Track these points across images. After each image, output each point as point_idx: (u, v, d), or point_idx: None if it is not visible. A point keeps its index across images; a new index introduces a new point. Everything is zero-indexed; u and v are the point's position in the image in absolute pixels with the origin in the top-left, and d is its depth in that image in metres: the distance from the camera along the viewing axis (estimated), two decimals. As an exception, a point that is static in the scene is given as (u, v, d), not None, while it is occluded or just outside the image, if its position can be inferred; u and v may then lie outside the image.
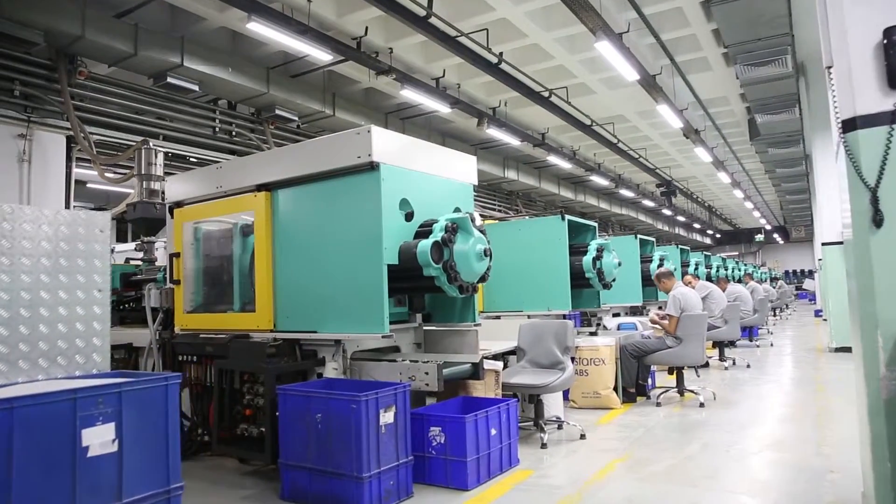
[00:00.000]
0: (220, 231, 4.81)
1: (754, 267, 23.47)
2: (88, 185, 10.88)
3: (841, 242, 9.73)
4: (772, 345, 11.23)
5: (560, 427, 5.04)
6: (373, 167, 3.75)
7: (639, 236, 9.01)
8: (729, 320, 8.49)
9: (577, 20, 6.95)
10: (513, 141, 12.31)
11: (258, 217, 4.32)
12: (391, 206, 3.84)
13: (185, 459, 4.47)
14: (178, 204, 4.95)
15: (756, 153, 15.31)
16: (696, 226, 30.05)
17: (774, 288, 21.74)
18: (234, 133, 8.95)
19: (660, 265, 9.08)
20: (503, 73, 9.27)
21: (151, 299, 4.96)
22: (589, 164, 15.89)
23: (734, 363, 8.67)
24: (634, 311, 9.22)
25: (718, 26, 7.93)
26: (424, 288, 4.09)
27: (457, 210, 4.40)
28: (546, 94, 10.63)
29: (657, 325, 6.38)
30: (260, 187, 4.33)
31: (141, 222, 6.09)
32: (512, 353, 5.24)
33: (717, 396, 6.18)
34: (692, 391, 6.08)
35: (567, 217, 6.47)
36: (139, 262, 6.40)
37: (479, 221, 4.70)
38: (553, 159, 14.13)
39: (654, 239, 9.78)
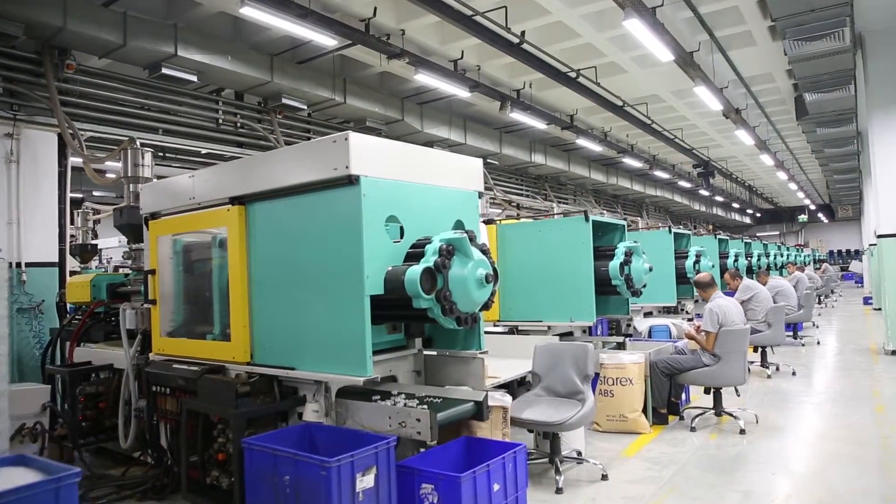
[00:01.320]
0: (197, 247, 4.33)
1: (797, 250, 22.32)
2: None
3: (902, 235, 8.92)
4: (818, 343, 10.42)
5: (580, 461, 4.47)
6: (351, 181, 3.19)
7: (673, 230, 8.28)
8: (773, 324, 7.76)
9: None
10: (539, 125, 11.61)
11: (232, 234, 3.80)
12: (375, 225, 3.28)
13: (158, 500, 4.14)
14: (154, 215, 4.48)
15: (803, 133, 14.27)
16: (735, 206, 28.82)
17: (818, 272, 20.66)
18: (238, 125, 8.46)
19: (696, 261, 8.39)
20: (526, 53, 8.59)
21: (127, 320, 4.53)
22: (621, 146, 15.06)
23: (777, 369, 7.96)
24: (668, 310, 8.55)
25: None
26: (416, 318, 3.54)
27: (458, 224, 3.83)
28: (573, 74, 9.91)
29: (693, 339, 5.72)
30: (233, 200, 3.81)
31: (128, 228, 5.64)
32: (521, 382, 4.69)
33: (759, 419, 5.52)
34: (731, 414, 5.44)
35: (592, 217, 5.83)
36: (129, 272, 5.98)
37: (483, 237, 4.13)
38: (583, 142, 13.37)
39: (690, 232, 9.04)
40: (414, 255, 3.40)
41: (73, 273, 10.18)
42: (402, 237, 3.47)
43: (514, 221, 6.36)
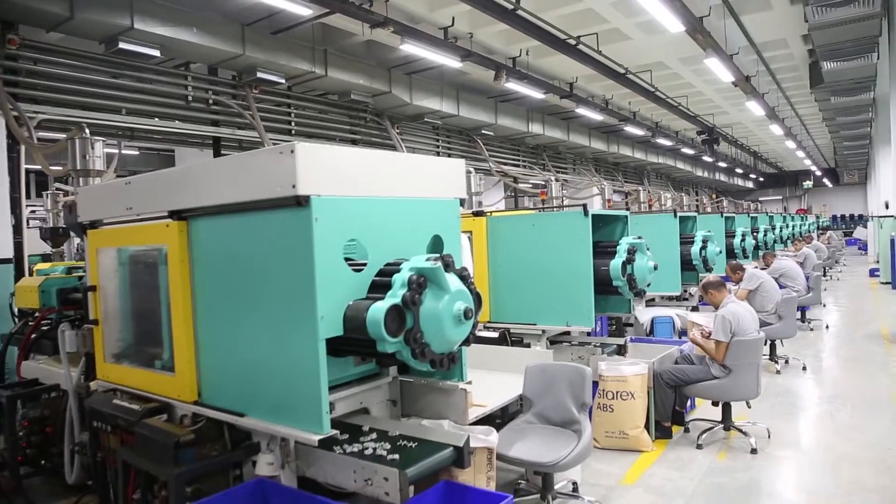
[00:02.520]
0: (142, 261, 3.79)
1: (801, 218, 21.73)
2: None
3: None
4: (827, 327, 9.97)
5: (575, 497, 4.03)
6: (300, 203, 2.64)
7: (679, 214, 7.71)
8: (784, 316, 7.28)
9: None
10: (536, 94, 10.93)
11: (172, 253, 3.26)
12: (331, 253, 2.74)
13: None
14: (93, 224, 3.93)
15: (816, 101, 13.57)
16: (739, 171, 28.12)
17: (821, 240, 20.14)
18: (211, 101, 7.82)
19: (703, 247, 7.85)
20: (521, 19, 7.90)
21: (66, 342, 4.03)
22: (623, 114, 14.37)
23: (787, 363, 7.51)
24: (672, 299, 8.07)
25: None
26: (383, 357, 3.03)
27: (436, 240, 3.30)
28: (573, 42, 9.21)
29: (700, 346, 5.23)
30: (173, 214, 3.26)
31: (79, 228, 5.11)
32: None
33: (770, 434, 5.07)
34: (741, 430, 4.98)
35: (592, 212, 5.27)
36: (83, 274, 5.45)
37: (466, 252, 3.61)
38: (583, 111, 12.69)
39: (695, 215, 8.47)
40: (381, 284, 2.87)
41: (46, 258, 9.68)
42: (365, 264, 2.94)
43: (506, 214, 5.82)
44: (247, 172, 2.87)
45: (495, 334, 5.57)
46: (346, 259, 2.88)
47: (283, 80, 8.17)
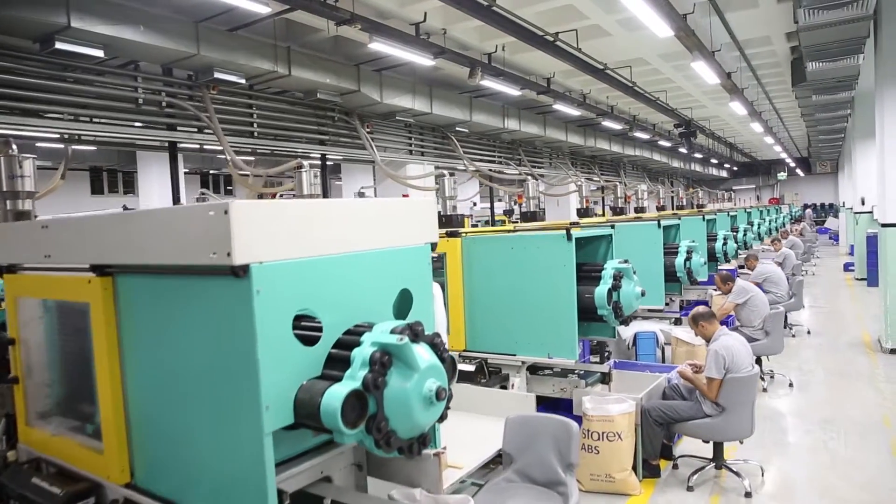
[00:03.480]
0: (65, 314, 3.30)
1: (776, 210, 21.69)
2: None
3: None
4: (809, 332, 9.80)
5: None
6: (237, 274, 2.19)
7: (662, 223, 7.38)
8: (772, 332, 7.02)
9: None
10: (512, 91, 10.50)
11: (96, 314, 2.78)
12: (277, 330, 2.29)
13: None
14: (10, 268, 3.42)
15: (796, 98, 13.34)
16: (713, 161, 28.07)
17: (794, 232, 20.12)
18: (164, 104, 7.23)
19: (687, 258, 7.55)
20: (498, 16, 7.44)
21: (-18, 400, 3.53)
22: (601, 108, 14.01)
23: (772, 377, 7.27)
24: (654, 312, 7.77)
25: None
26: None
27: (405, 295, 2.88)
28: (551, 38, 8.78)
29: (689, 380, 4.90)
30: (96, 269, 2.78)
31: (7, 255, 4.58)
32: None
33: (764, 472, 4.78)
34: (733, 471, 4.68)
35: (575, 234, 4.89)
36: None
37: (438, 299, 3.22)
38: (560, 107, 12.31)
39: (678, 223, 8.15)
40: (339, 358, 2.44)
41: None
42: (320, 336, 2.50)
43: (482, 233, 5.41)
44: (175, 232, 2.40)
45: (471, 367, 5.16)
46: (300, 325, 2.45)
47: (243, 80, 7.61)
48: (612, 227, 5.64)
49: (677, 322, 8.09)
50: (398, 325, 2.47)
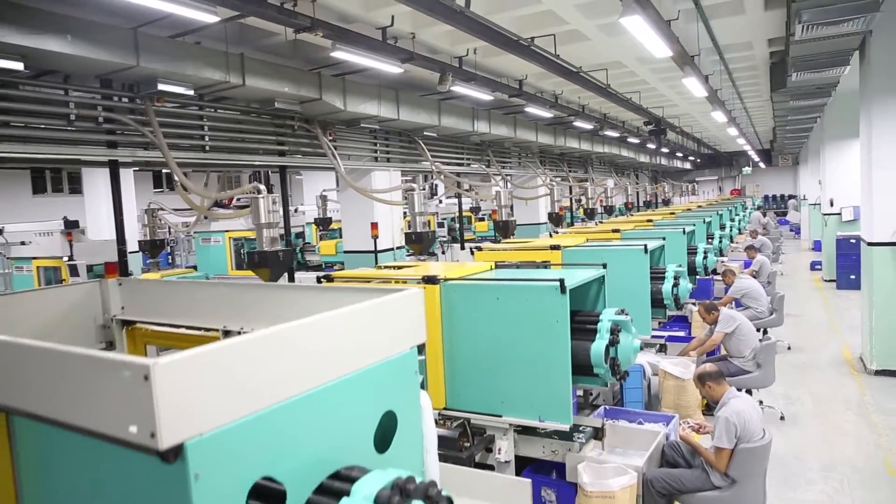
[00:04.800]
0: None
1: (742, 206, 21.69)
2: None
3: (897, 246, 7.87)
4: (789, 348, 9.56)
5: None
6: (166, 459, 1.58)
7: (648, 248, 6.93)
8: (763, 364, 6.66)
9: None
10: (484, 96, 9.94)
11: (-14, 459, 2.15)
12: (225, 519, 1.71)
13: None
14: None
15: (772, 102, 13.08)
16: (679, 154, 28.03)
17: (761, 227, 20.11)
18: (101, 119, 6.43)
19: (675, 284, 7.12)
20: (471, 20, 6.84)
21: None
22: (572, 108, 13.55)
23: (762, 408, 6.92)
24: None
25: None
26: None
27: (389, 416, 2.31)
28: (526, 42, 8.22)
29: (693, 445, 4.45)
30: (-15, 403, 2.13)
31: None
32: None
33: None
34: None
35: (570, 285, 4.36)
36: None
37: (427, 423, 2.67)
38: (532, 109, 11.80)
39: (663, 242, 7.73)
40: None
41: None
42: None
43: (463, 281, 4.84)
44: (81, 387, 1.77)
45: (454, 433, 4.62)
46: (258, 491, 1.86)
47: (191, 92, 6.85)
48: (604, 266, 5.15)
49: (662, 348, 7.71)
50: (383, 481, 1.91)
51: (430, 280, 4.75)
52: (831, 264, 14.84)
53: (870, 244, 8.03)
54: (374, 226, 7.19)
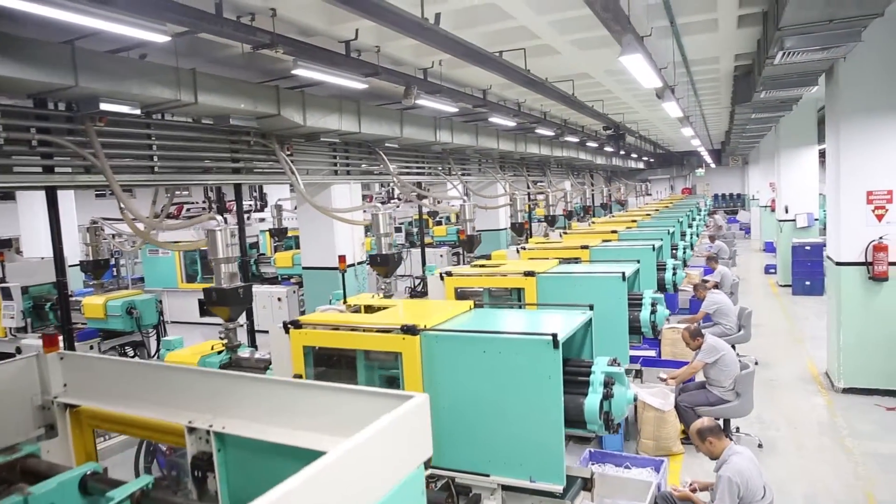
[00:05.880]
0: None
1: (697, 210, 21.96)
2: None
3: (864, 263, 7.92)
4: (756, 363, 9.53)
5: None
6: None
7: (626, 276, 6.72)
8: (742, 393, 6.55)
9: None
10: (450, 108, 9.60)
11: None
12: None
13: None
14: None
15: (734, 113, 13.14)
16: (634, 155, 28.29)
17: (708, 228, 20.38)
18: (34, 142, 5.81)
19: (652, 311, 6.94)
20: (440, 36, 6.48)
21: None
22: (534, 116, 13.35)
23: (739, 436, 6.85)
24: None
25: (789, 8, 5.28)
26: None
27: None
28: (495, 55, 7.92)
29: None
30: None
31: None
32: None
33: None
34: None
35: (561, 337, 4.07)
36: None
37: None
38: (496, 119, 11.53)
39: (638, 266, 7.54)
40: None
41: None
42: None
43: (446, 332, 4.50)
44: None
45: (440, 496, 4.28)
46: None
47: (138, 111, 6.28)
48: (591, 307, 4.89)
49: (638, 375, 7.54)
50: None
51: (409, 330, 4.38)
52: (787, 270, 15.10)
53: (838, 263, 8.04)
54: (343, 259, 6.77)
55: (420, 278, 9.60)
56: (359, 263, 11.00)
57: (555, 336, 3.98)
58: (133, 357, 9.77)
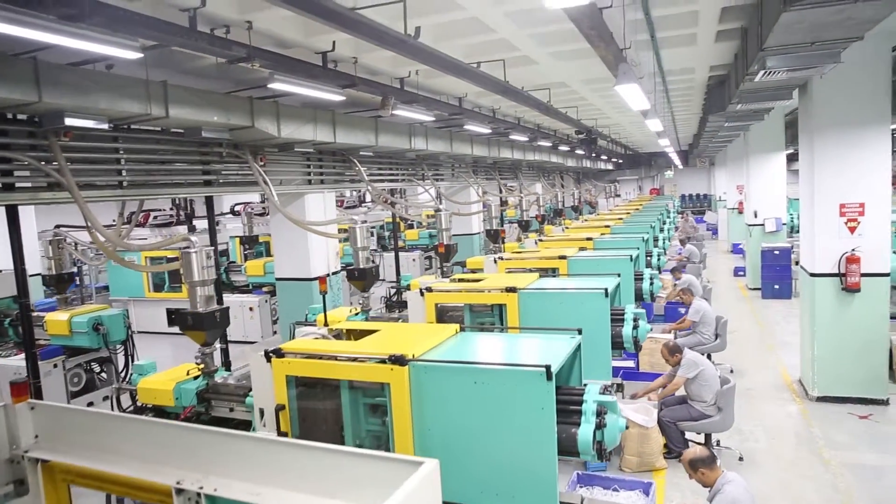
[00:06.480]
0: None
1: (666, 213, 22.22)
2: None
3: (838, 275, 8.05)
4: (731, 371, 9.66)
5: None
6: None
7: (609, 291, 6.70)
8: (724, 407, 6.58)
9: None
10: (426, 118, 9.48)
11: None
12: None
13: None
14: None
15: (707, 121, 13.28)
16: (604, 157, 28.53)
17: (678, 230, 20.62)
18: (-8, 158, 5.52)
19: (635, 326, 6.93)
20: (420, 50, 6.36)
21: None
22: (508, 121, 13.32)
23: (719, 449, 6.89)
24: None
25: (774, 32, 5.26)
26: None
27: None
28: (473, 66, 7.83)
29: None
30: None
31: None
32: None
33: None
34: None
35: (554, 369, 3.99)
36: None
37: None
38: (472, 126, 11.45)
39: (618, 281, 7.53)
40: None
41: None
42: None
43: (435, 363, 4.38)
44: None
45: (430, 533, 4.16)
46: None
47: (105, 126, 6.02)
48: (580, 331, 4.83)
49: (619, 388, 7.55)
50: None
51: (397, 360, 4.26)
52: (756, 273, 15.35)
53: (812, 275, 8.15)
54: (323, 280, 6.59)
55: (396, 288, 9.46)
56: (333, 273, 10.81)
57: (548, 368, 3.89)
58: (100, 374, 9.44)
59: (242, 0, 5.41)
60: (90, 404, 9.02)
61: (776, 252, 14.48)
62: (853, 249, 7.84)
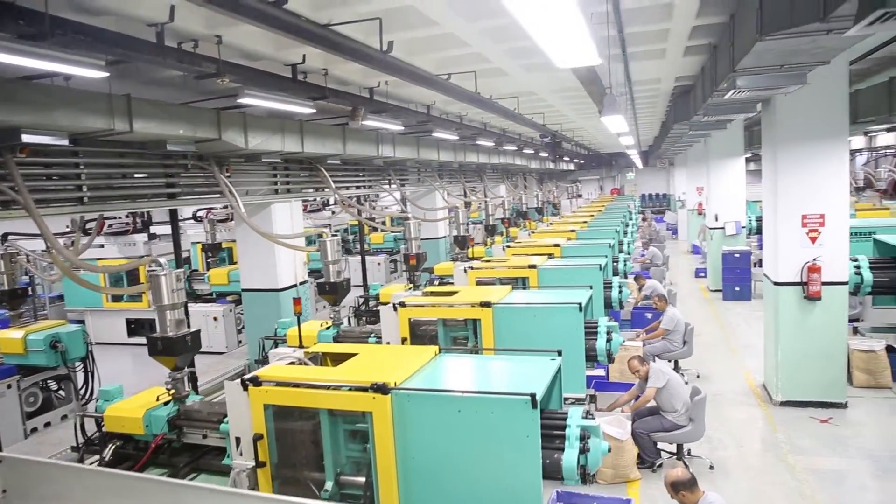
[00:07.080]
0: None
1: (628, 214, 22.55)
2: None
3: (800, 283, 8.26)
4: (698, 376, 9.85)
5: None
6: None
7: (582, 306, 6.73)
8: (695, 419, 6.69)
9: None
10: (396, 128, 9.40)
11: None
12: None
13: None
14: None
15: (671, 128, 13.50)
16: (566, 158, 28.81)
17: (640, 231, 20.93)
18: (-55, 177, 5.24)
19: (608, 339, 6.99)
20: (391, 65, 6.30)
21: None
22: (475, 127, 13.32)
23: (690, 456, 7.02)
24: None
25: (747, 57, 5.34)
26: None
27: None
28: (444, 77, 7.81)
29: None
30: None
31: None
32: None
33: None
34: None
35: (539, 397, 3.98)
36: None
37: None
38: (439, 134, 11.41)
39: (590, 293, 7.58)
40: None
41: None
42: None
43: (418, 391, 4.33)
44: None
45: (415, 564, 4.12)
46: None
47: (65, 141, 5.78)
48: (560, 353, 4.84)
49: (593, 399, 7.60)
50: None
51: (379, 389, 4.19)
52: (717, 276, 15.69)
53: (776, 284, 8.36)
54: (297, 301, 6.46)
55: (364, 297, 9.37)
56: (301, 283, 10.64)
57: (533, 396, 3.88)
58: (57, 391, 9.10)
59: (211, 15, 5.24)
60: (48, 424, 8.69)
61: (737, 255, 14.84)
62: (815, 259, 8.06)
